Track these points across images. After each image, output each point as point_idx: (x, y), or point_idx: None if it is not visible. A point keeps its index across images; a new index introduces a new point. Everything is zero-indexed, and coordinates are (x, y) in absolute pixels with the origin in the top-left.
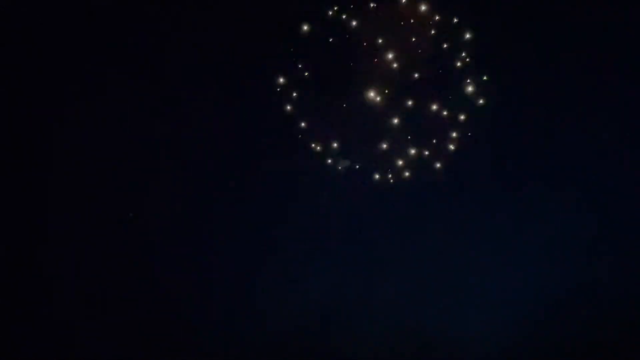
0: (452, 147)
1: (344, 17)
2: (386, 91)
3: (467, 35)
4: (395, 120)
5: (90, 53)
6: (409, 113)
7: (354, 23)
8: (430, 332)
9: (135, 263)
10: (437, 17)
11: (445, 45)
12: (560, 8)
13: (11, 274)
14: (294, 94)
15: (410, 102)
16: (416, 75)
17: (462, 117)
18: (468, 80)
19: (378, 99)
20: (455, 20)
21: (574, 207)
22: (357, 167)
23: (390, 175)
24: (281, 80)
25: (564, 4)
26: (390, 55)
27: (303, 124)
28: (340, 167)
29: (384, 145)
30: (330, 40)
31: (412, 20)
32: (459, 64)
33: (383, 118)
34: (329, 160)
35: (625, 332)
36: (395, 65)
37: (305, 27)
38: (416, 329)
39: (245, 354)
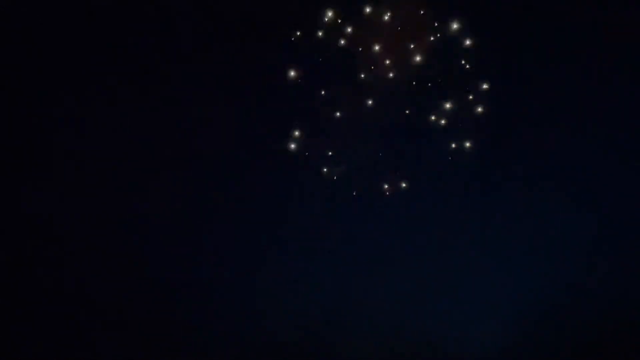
0: (450, 158)
1: (340, 22)
2: (382, 99)
3: (468, 42)
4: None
5: (89, 53)
6: (407, 120)
7: (352, 29)
8: (430, 332)
9: (135, 263)
10: (436, 23)
11: (445, 52)
12: (560, 8)
13: (11, 274)
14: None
15: (408, 110)
16: (414, 82)
17: (461, 123)
18: (467, 88)
19: (375, 106)
20: (456, 26)
21: (574, 208)
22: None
23: (386, 187)
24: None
25: (564, 6)
26: (388, 62)
27: (297, 133)
28: (335, 172)
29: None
30: (327, 46)
31: (411, 27)
32: (457, 72)
33: (381, 125)
34: (325, 169)
35: (625, 332)
36: (393, 72)
37: (299, 33)
38: (416, 329)
39: (245, 354)
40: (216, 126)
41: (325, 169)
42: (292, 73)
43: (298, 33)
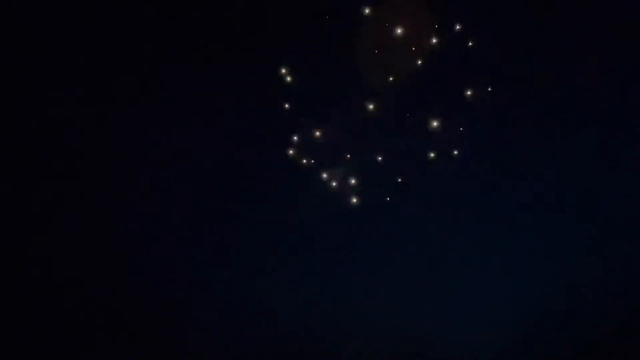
0: (450, 158)
1: (338, 22)
2: (381, 100)
3: (470, 44)
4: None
5: (88, 52)
6: (406, 123)
7: (350, 29)
8: (430, 332)
9: (135, 263)
10: (436, 25)
11: (446, 54)
12: (562, 10)
13: (11, 274)
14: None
15: (407, 112)
16: (414, 85)
17: (461, 124)
18: (469, 92)
19: (373, 108)
20: (458, 27)
21: (574, 208)
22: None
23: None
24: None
25: (565, 7)
26: (387, 63)
27: (295, 138)
28: (335, 173)
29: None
30: (324, 47)
31: (411, 27)
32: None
33: (381, 127)
34: (324, 175)
35: (625, 332)
36: (393, 75)
37: (296, 35)
38: (416, 329)
39: (245, 354)
40: (216, 127)
41: (325, 170)
42: (290, 78)
43: (295, 36)
